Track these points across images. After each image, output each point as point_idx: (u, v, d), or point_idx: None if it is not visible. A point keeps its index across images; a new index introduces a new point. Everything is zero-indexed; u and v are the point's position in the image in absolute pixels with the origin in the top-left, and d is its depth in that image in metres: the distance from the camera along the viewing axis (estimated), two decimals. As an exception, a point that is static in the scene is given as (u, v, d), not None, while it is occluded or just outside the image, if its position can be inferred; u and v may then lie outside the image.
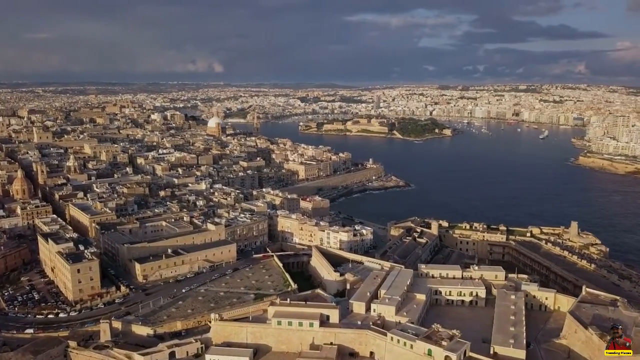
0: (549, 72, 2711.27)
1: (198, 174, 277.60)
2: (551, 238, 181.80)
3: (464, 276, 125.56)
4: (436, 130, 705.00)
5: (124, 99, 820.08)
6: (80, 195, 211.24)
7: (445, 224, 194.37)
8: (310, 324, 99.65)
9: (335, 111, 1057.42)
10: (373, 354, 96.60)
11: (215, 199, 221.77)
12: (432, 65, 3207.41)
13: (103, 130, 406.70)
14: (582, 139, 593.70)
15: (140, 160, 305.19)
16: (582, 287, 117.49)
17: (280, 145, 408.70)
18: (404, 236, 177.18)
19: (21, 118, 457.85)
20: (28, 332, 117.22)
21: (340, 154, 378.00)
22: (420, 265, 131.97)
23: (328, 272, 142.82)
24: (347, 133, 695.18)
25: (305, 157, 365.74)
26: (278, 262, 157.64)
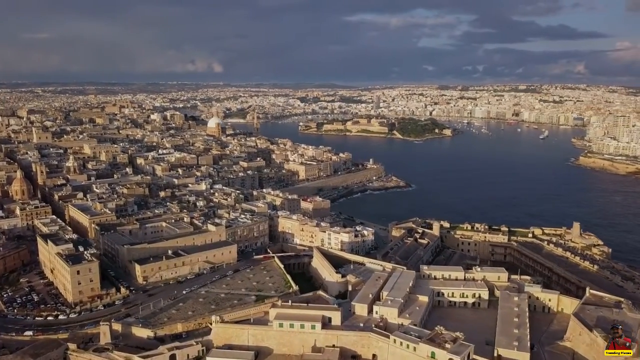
0: (549, 72, 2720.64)
1: (198, 174, 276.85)
2: (553, 239, 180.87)
3: (467, 277, 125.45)
4: (436, 130, 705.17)
5: (124, 99, 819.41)
6: (80, 195, 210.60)
7: (446, 224, 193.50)
8: (312, 326, 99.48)
9: (335, 111, 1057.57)
10: (375, 357, 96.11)
11: (215, 199, 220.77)
12: (431, 65, 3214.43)
13: (103, 130, 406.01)
14: (582, 139, 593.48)
15: (140, 161, 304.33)
16: (586, 288, 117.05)
17: (280, 146, 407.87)
18: (406, 237, 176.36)
19: (20, 118, 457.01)
20: (27, 334, 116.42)
21: (341, 154, 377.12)
22: (422, 266, 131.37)
23: (329, 273, 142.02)
24: (347, 133, 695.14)
25: (306, 157, 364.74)
26: (279, 263, 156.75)
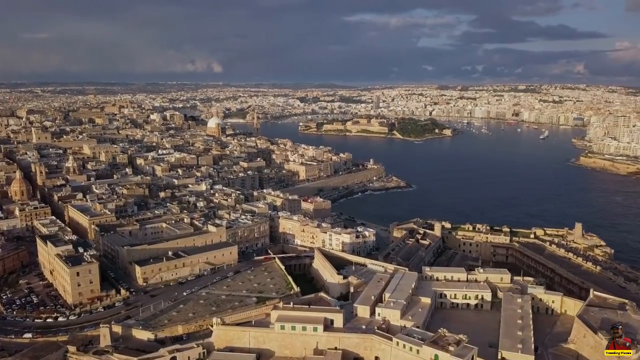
0: (548, 72, 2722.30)
1: (198, 174, 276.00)
2: (555, 239, 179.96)
3: (469, 279, 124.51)
4: (436, 130, 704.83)
5: (123, 99, 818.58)
6: (80, 196, 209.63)
7: (448, 225, 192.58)
8: (314, 328, 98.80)
9: (334, 111, 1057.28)
10: (378, 359, 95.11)
11: (215, 200, 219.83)
12: (431, 65, 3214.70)
13: (102, 130, 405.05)
14: (582, 139, 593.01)
15: (139, 161, 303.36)
16: (590, 290, 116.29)
17: (280, 146, 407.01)
18: (407, 238, 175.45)
19: (20, 118, 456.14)
20: (26, 336, 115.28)
21: (341, 155, 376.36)
22: (424, 267, 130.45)
23: (331, 274, 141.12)
24: (347, 133, 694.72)
25: (306, 157, 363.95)
26: (280, 264, 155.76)
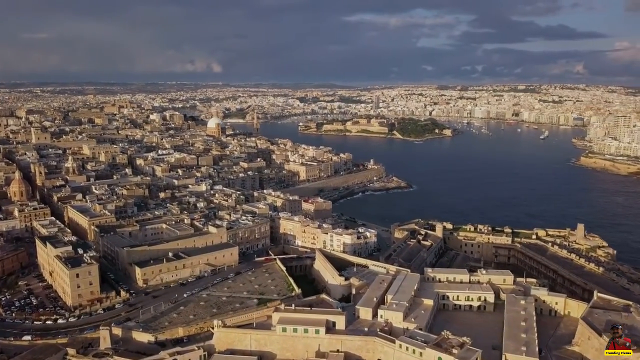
0: (548, 72, 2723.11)
1: (198, 175, 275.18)
2: (557, 240, 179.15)
3: (472, 280, 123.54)
4: (436, 130, 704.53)
5: (123, 99, 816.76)
6: (79, 197, 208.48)
7: (449, 226, 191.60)
8: (316, 330, 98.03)
9: (334, 111, 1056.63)
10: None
11: (216, 200, 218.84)
12: (430, 65, 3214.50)
13: (102, 130, 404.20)
14: (582, 140, 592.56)
15: (139, 161, 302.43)
16: (594, 292, 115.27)
17: (280, 146, 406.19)
18: (408, 239, 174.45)
19: (19, 118, 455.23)
20: (25, 339, 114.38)
21: (341, 155, 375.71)
22: (426, 269, 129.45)
23: (332, 276, 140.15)
24: (347, 133, 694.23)
25: (306, 157, 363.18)
26: (281, 265, 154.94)
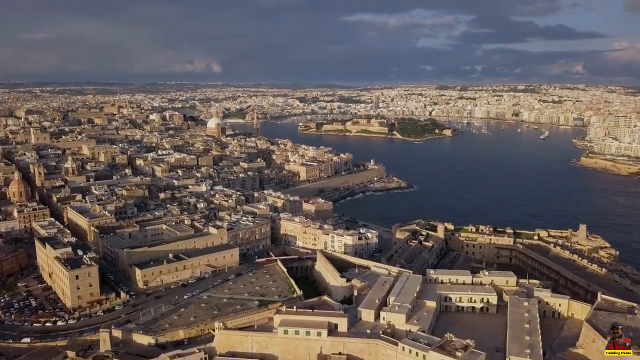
0: (547, 72, 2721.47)
1: (198, 175, 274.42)
2: (559, 241, 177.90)
3: (474, 282, 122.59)
4: (436, 130, 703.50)
5: (122, 99, 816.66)
6: (79, 197, 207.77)
7: (450, 226, 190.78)
8: (318, 333, 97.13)
9: (334, 111, 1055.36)
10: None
11: (216, 201, 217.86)
12: (430, 66, 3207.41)
13: (101, 130, 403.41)
14: (583, 140, 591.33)
15: (139, 162, 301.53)
16: (598, 293, 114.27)
17: (280, 146, 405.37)
18: (410, 239, 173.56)
19: (18, 118, 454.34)
20: (25, 341, 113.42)
21: (342, 155, 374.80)
22: (428, 270, 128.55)
23: (334, 277, 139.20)
24: (347, 133, 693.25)
25: (306, 158, 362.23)
26: (282, 266, 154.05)
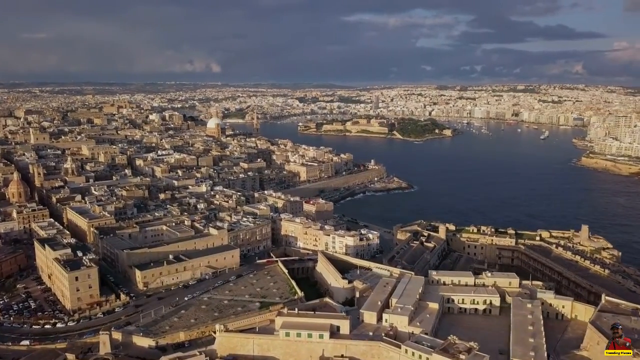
0: (547, 72, 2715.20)
1: (198, 175, 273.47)
2: (561, 242, 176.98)
3: (477, 283, 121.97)
4: (436, 130, 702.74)
5: (122, 99, 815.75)
6: (78, 198, 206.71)
7: (452, 227, 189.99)
8: (320, 335, 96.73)
9: (334, 111, 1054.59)
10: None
11: (216, 201, 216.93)
12: (429, 66, 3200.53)
13: (101, 131, 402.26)
14: (583, 140, 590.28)
15: (139, 162, 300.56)
16: (602, 295, 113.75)
17: (280, 146, 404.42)
18: (411, 240, 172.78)
19: (18, 119, 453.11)
20: (24, 343, 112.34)
21: (342, 155, 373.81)
22: (431, 271, 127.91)
23: (335, 278, 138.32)
24: (347, 133, 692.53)
25: (307, 158, 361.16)
26: (283, 267, 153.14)
